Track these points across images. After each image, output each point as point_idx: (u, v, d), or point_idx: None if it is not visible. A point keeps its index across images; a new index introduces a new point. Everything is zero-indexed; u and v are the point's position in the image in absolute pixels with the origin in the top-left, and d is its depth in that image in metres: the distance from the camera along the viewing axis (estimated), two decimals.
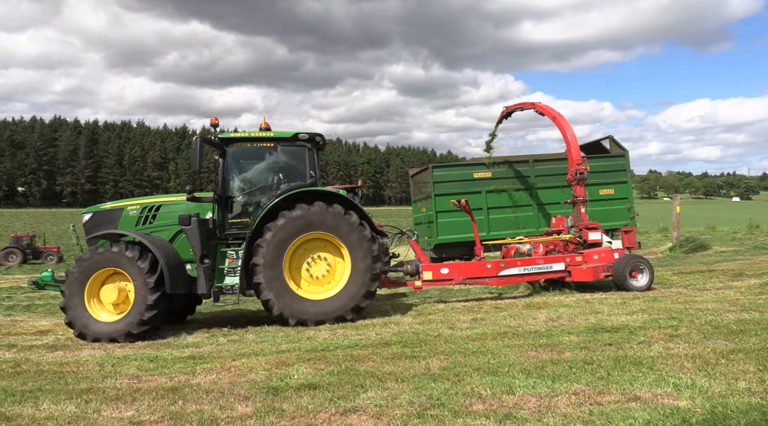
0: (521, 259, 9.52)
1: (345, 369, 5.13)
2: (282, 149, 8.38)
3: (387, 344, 6.14)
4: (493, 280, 9.15)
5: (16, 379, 5.36)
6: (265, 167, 8.53)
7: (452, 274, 9.02)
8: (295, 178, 8.29)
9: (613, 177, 14.72)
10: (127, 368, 5.63)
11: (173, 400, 4.46)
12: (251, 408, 4.19)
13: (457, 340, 6.13)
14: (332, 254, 7.96)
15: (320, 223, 7.72)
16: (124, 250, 7.31)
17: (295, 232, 7.68)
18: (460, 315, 7.88)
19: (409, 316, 8.03)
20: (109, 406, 4.38)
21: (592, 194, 14.35)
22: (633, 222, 14.93)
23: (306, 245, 7.92)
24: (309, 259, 7.93)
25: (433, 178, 14.26)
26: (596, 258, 9.39)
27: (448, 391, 4.33)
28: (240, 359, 5.78)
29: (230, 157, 8.16)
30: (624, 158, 15.03)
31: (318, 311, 7.68)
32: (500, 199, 14.28)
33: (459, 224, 14.05)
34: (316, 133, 8.44)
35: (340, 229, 7.75)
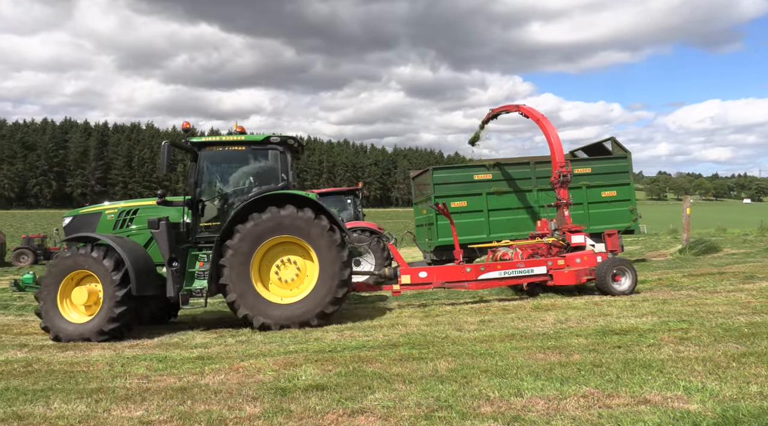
0: (501, 263, 9.45)
1: (352, 370, 5.13)
2: (254, 153, 8.34)
3: (394, 345, 6.14)
4: (472, 284, 9.08)
5: (28, 379, 5.41)
6: (237, 171, 8.53)
7: (431, 278, 8.97)
8: (268, 181, 8.26)
9: (615, 179, 14.61)
10: (136, 368, 5.67)
11: (182, 400, 4.49)
12: (259, 408, 4.21)
13: (464, 342, 6.11)
14: (303, 258, 7.88)
15: (289, 226, 7.64)
16: (90, 251, 7.44)
17: (263, 234, 7.61)
18: (468, 316, 7.86)
19: (417, 318, 8.02)
20: (119, 406, 4.42)
21: (595, 196, 14.37)
22: (636, 224, 14.79)
23: (276, 248, 7.86)
24: (278, 263, 7.87)
25: (433, 180, 14.25)
26: (579, 261, 9.31)
27: (455, 392, 4.32)
28: (248, 360, 5.81)
29: (202, 161, 8.18)
30: (626, 160, 14.92)
31: (283, 315, 7.58)
32: (501, 201, 14.24)
33: (460, 226, 13.84)
34: (289, 136, 8.41)
35: (310, 233, 7.64)
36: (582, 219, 14.09)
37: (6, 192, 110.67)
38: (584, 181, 14.35)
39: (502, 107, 13.68)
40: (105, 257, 7.37)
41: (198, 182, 8.15)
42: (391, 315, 8.48)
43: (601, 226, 14.05)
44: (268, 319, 7.55)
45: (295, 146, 8.58)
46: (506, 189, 14.31)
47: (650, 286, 10.05)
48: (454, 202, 13.95)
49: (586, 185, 14.30)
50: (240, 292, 7.55)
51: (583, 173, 14.50)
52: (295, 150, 8.71)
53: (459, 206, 13.98)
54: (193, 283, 7.78)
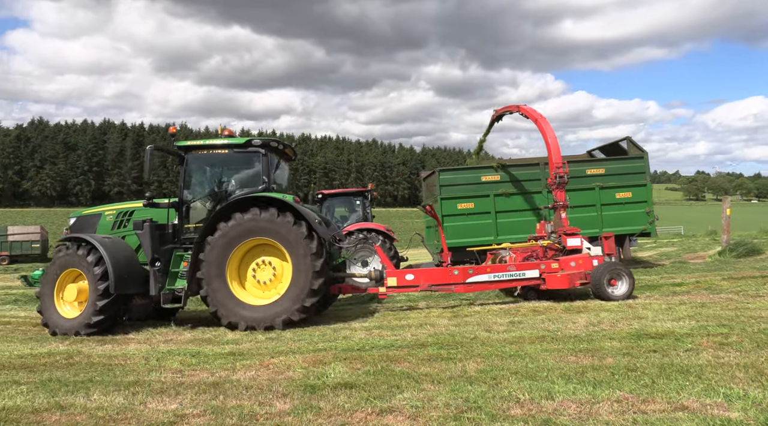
0: (491, 266, 9.28)
1: (381, 369, 5.15)
2: (236, 156, 8.42)
3: (423, 345, 6.12)
4: (460, 287, 8.93)
5: (69, 370, 5.63)
6: (220, 173, 8.73)
7: (417, 281, 8.86)
8: (250, 183, 8.34)
9: (630, 180, 14.15)
10: (170, 363, 5.82)
11: (214, 395, 4.59)
12: (289, 405, 4.26)
13: (493, 343, 6.05)
14: (281, 261, 7.87)
15: (268, 229, 7.67)
16: (76, 250, 7.88)
17: (242, 234, 7.69)
18: (497, 317, 7.77)
19: (445, 318, 7.98)
20: (154, 399, 4.54)
21: (608, 198, 13.96)
22: (653, 227, 14.27)
23: (257, 250, 7.93)
24: (255, 264, 7.93)
25: (440, 182, 14.13)
26: (573, 265, 9.04)
27: (485, 394, 4.28)
28: (278, 357, 5.89)
29: (187, 164, 8.40)
30: (643, 160, 14.40)
31: (250, 316, 7.60)
32: (509, 202, 13.99)
33: (466, 228, 13.87)
34: (272, 139, 8.51)
35: (288, 238, 7.64)
36: (594, 221, 13.80)
37: (48, 191, 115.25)
38: (597, 182, 13.97)
39: (505, 108, 13.61)
40: (89, 255, 7.78)
41: (184, 185, 8.38)
42: (419, 315, 8.46)
43: (614, 228, 13.75)
44: (235, 318, 7.61)
45: (280, 149, 8.63)
46: (514, 190, 14.06)
47: (688, 289, 9.73)
48: (461, 204, 13.84)
49: (600, 186, 13.93)
50: (213, 289, 7.65)
51: (596, 174, 14.11)
52: (281, 153, 8.79)
53: (466, 208, 13.85)
54: (176, 283, 7.99)
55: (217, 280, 7.65)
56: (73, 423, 4.05)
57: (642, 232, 14.08)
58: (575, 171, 13.67)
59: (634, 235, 14.05)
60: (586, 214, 13.77)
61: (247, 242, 7.78)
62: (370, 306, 9.82)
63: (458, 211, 13.82)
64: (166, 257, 8.07)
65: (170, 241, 8.21)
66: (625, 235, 13.96)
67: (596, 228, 13.53)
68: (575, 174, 13.62)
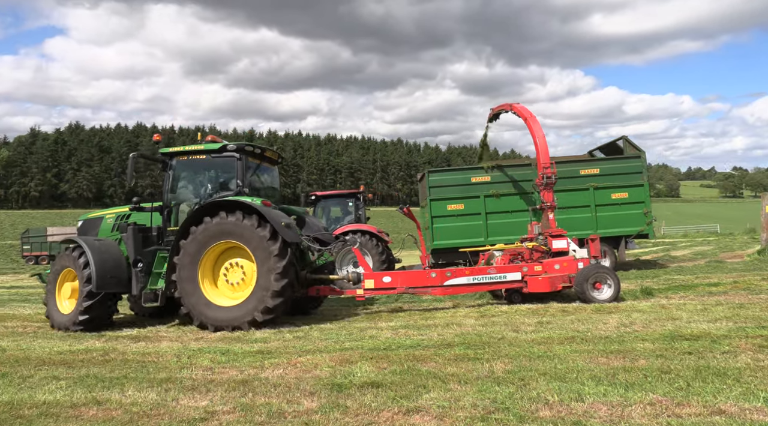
0: (470, 269, 9.18)
1: (407, 369, 5.14)
2: (214, 161, 8.65)
3: (449, 345, 6.09)
4: (438, 289, 8.85)
5: (105, 367, 5.81)
6: (200, 178, 9.00)
7: (395, 283, 8.84)
8: (226, 187, 8.59)
9: (627, 180, 13.82)
10: (201, 360, 5.94)
11: (244, 393, 4.67)
12: (316, 403, 4.30)
13: (521, 344, 5.98)
14: (251, 263, 7.94)
15: (234, 232, 7.81)
16: (70, 252, 8.39)
17: (211, 238, 7.88)
18: (525, 318, 7.67)
19: (471, 318, 7.92)
20: (186, 396, 4.65)
21: (604, 198, 13.68)
22: (650, 228, 13.84)
23: (229, 252, 8.10)
24: (227, 266, 8.10)
25: (429, 183, 14.09)
26: (558, 268, 8.89)
27: (512, 395, 4.23)
28: (305, 355, 5.95)
29: (170, 169, 8.71)
30: (640, 159, 14.05)
31: (219, 317, 7.75)
32: (500, 203, 13.82)
33: (456, 229, 13.78)
34: (247, 144, 8.66)
35: (251, 240, 7.74)
36: (589, 222, 13.56)
37: (85, 192, 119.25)
38: (592, 183, 13.70)
39: (499, 106, 13.48)
40: (80, 257, 8.19)
41: (167, 189, 8.71)
42: (446, 315, 8.42)
43: (610, 229, 13.53)
44: (205, 319, 7.78)
45: (257, 153, 8.80)
46: (505, 191, 13.90)
47: (724, 290, 9.42)
48: (451, 205, 13.76)
49: (594, 187, 13.65)
50: (185, 291, 7.86)
51: (591, 174, 13.85)
52: (260, 156, 8.96)
53: (456, 209, 13.76)
54: (158, 283, 8.28)
55: (189, 282, 7.87)
56: (110, 418, 4.18)
57: (639, 233, 13.73)
58: (569, 171, 13.61)
59: (631, 236, 13.74)
60: (581, 215, 13.60)
61: (216, 245, 7.95)
62: (396, 305, 9.82)
63: (448, 212, 13.77)
64: (149, 258, 8.40)
65: (155, 243, 8.53)
66: (622, 236, 13.69)
67: (591, 229, 13.39)
68: (569, 174, 13.55)
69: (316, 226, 9.44)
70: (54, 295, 8.52)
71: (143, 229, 8.60)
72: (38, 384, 5.17)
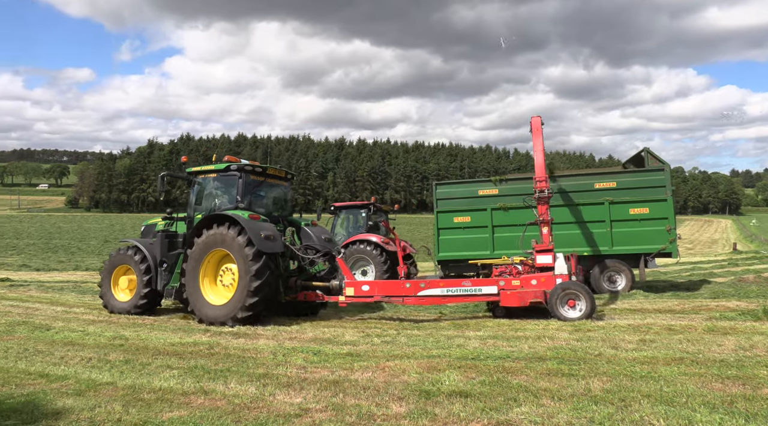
0: (444, 281, 9.35)
1: (496, 380, 5.03)
2: (222, 178, 9.92)
3: (541, 359, 5.87)
4: (412, 299, 9.10)
5: (210, 359, 6.29)
6: (213, 193, 10.19)
7: (372, 292, 9.21)
8: (231, 202, 9.72)
9: (648, 194, 12.52)
10: (295, 359, 6.24)
11: (335, 393, 4.83)
12: (405, 408, 4.34)
13: (621, 362, 5.60)
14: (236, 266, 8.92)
15: (222, 242, 8.96)
16: (128, 252, 10.20)
17: (208, 246, 9.09)
18: (625, 334, 7.17)
19: (565, 331, 7.56)
20: (282, 392, 4.91)
21: (620, 214, 12.59)
22: (673, 246, 12.35)
23: (226, 258, 9.20)
24: (222, 270, 9.28)
25: (436, 195, 14.16)
26: (534, 283, 8.82)
27: (612, 416, 3.98)
28: (393, 360, 6.03)
29: (193, 186, 10.15)
30: (663, 173, 12.62)
31: (211, 314, 8.87)
32: (507, 217, 13.20)
33: (460, 242, 13.63)
34: (249, 163, 9.76)
35: (233, 247, 8.83)
36: (604, 238, 12.62)
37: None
38: (607, 197, 12.74)
39: None
40: (136, 255, 10.06)
41: (191, 202, 10.15)
42: (537, 326, 8.12)
43: (628, 246, 12.43)
44: (203, 316, 8.99)
45: (258, 171, 9.90)
46: (513, 204, 13.36)
47: None
48: (457, 218, 13.72)
49: (609, 201, 12.66)
50: (190, 292, 9.17)
51: (606, 188, 12.88)
52: (264, 174, 10.06)
53: (462, 221, 13.67)
54: (179, 281, 9.55)
55: (193, 284, 9.16)
56: (215, 407, 4.52)
57: (661, 251, 12.44)
58: (582, 185, 12.95)
59: (651, 254, 12.47)
60: (595, 230, 12.77)
61: (213, 252, 9.14)
62: (481, 314, 9.63)
63: (454, 224, 13.73)
64: (174, 260, 9.87)
65: (180, 247, 9.90)
66: (641, 254, 12.51)
67: (606, 246, 12.58)
68: (583, 188, 12.91)
69: (316, 237, 10.23)
70: (109, 285, 10.35)
71: (172, 235, 10.12)
72: (155, 371, 5.72)
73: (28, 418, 4.27)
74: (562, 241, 12.54)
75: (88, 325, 8.74)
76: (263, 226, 9.03)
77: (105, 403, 4.61)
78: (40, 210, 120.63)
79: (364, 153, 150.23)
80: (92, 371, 5.76)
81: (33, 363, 6.18)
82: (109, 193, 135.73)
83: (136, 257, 10.01)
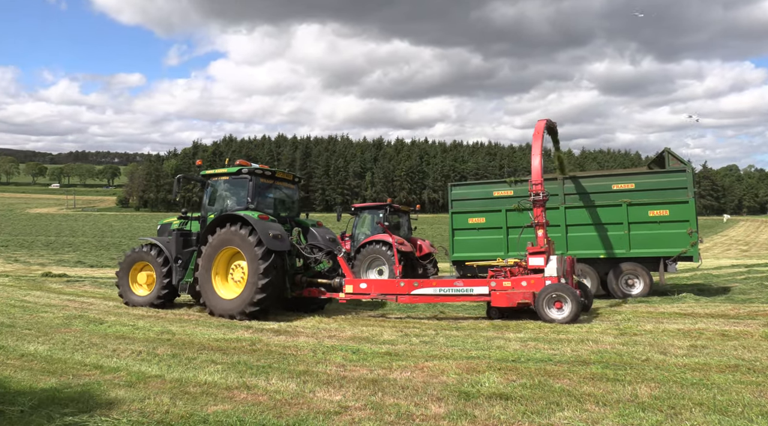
0: (437, 280, 9.72)
1: (538, 383, 4.93)
2: (234, 181, 10.47)
3: (585, 363, 5.71)
4: (405, 298, 9.46)
5: (253, 355, 6.45)
6: (225, 194, 10.72)
7: (369, 290, 9.70)
8: (241, 203, 10.24)
9: (668, 196, 12.03)
10: (334, 357, 6.31)
11: (374, 391, 4.85)
12: (444, 409, 4.31)
13: (671, 368, 5.38)
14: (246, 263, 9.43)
15: (233, 240, 9.51)
16: (148, 250, 10.78)
17: (220, 244, 9.66)
18: (674, 339, 6.89)
19: (610, 335, 7.33)
20: (321, 389, 4.97)
21: (639, 216, 12.14)
22: (694, 249, 11.70)
23: (236, 255, 9.76)
24: (233, 266, 9.87)
25: (451, 196, 14.25)
26: (525, 284, 8.98)
27: (661, 424, 3.83)
28: (432, 360, 6.00)
29: (207, 187, 10.77)
30: (684, 174, 12.04)
31: (221, 307, 9.48)
32: (522, 218, 12.82)
33: (474, 243, 13.56)
34: (258, 167, 10.33)
35: (243, 246, 9.38)
36: (621, 241, 12.21)
37: None
38: (625, 198, 12.32)
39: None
40: (152, 251, 10.73)
41: (204, 203, 10.71)
42: (580, 329, 7.90)
43: (646, 249, 11.96)
44: (214, 309, 9.61)
45: (268, 174, 10.48)
46: (528, 206, 12.78)
47: None
48: (472, 219, 13.76)
49: (627, 203, 12.24)
50: (203, 286, 9.76)
51: (624, 189, 12.45)
52: (273, 177, 10.64)
53: (477, 222, 13.70)
54: (192, 277, 10.23)
55: (205, 278, 9.76)
56: (257, 402, 4.63)
57: (681, 255, 11.86)
58: (599, 186, 12.68)
59: (671, 258, 11.88)
60: (612, 232, 12.39)
61: (224, 250, 9.71)
62: (522, 316, 9.45)
63: (469, 225, 13.78)
64: (188, 257, 10.42)
65: (194, 245, 10.51)
66: (660, 257, 11.96)
67: (623, 248, 12.20)
68: (599, 189, 12.64)
69: (321, 237, 10.76)
70: (127, 281, 11.00)
71: (187, 233, 10.70)
72: (200, 366, 5.91)
73: (84, 407, 4.49)
74: (577, 243, 12.54)
75: (138, 320, 9.11)
76: (272, 225, 9.53)
77: (154, 395, 4.79)
78: (93, 209, 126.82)
79: (402, 153, 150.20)
80: (142, 364, 6.01)
81: (88, 355, 6.50)
82: (157, 193, 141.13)
83: (154, 253, 10.67)
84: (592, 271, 12.40)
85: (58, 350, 6.73)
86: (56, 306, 10.75)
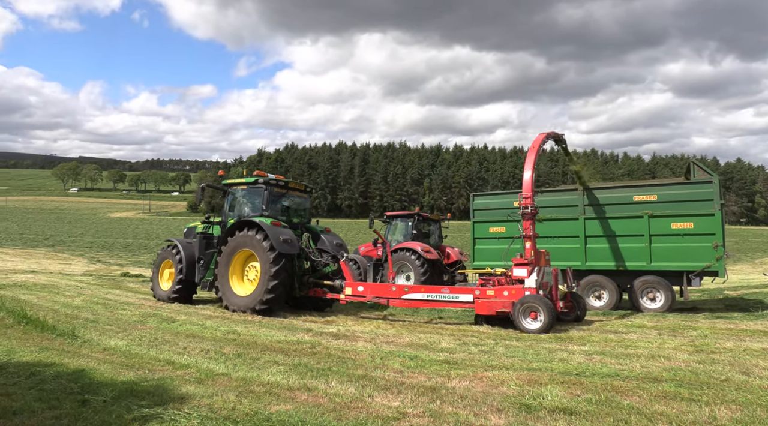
0: (425, 286, 10.37)
1: (604, 399, 4.72)
2: (251, 190, 11.67)
3: (656, 380, 5.40)
4: (397, 301, 10.12)
5: (313, 358, 6.60)
6: (242, 201, 11.86)
7: (366, 293, 10.42)
8: (257, 210, 11.39)
9: (693, 208, 11.45)
10: (392, 362, 6.33)
11: (432, 399, 4.83)
12: (504, 421, 4.22)
13: (754, 390, 4.98)
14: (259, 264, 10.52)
15: (249, 243, 10.63)
16: (171, 249, 12.22)
17: (237, 246, 10.83)
18: (759, 359, 6.37)
19: (684, 352, 6.89)
20: (380, 394, 5.01)
21: (661, 228, 11.56)
22: (720, 264, 10.84)
23: (251, 257, 10.87)
24: (248, 267, 11.06)
25: (473, 206, 14.53)
26: (506, 294, 9.28)
27: None
28: (491, 370, 5.89)
29: (227, 195, 11.98)
30: (711, 185, 11.29)
31: (235, 303, 10.60)
32: (541, 228, 12.33)
33: (494, 251, 13.54)
34: (272, 178, 11.55)
35: (253, 245, 10.54)
36: (641, 254, 11.66)
37: None
38: (646, 210, 11.75)
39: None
40: (173, 250, 12.13)
41: (225, 209, 11.96)
42: (650, 344, 7.48)
43: (668, 263, 11.36)
44: (229, 304, 10.71)
45: (281, 185, 11.65)
46: (547, 216, 12.95)
47: None
48: (493, 228, 13.98)
49: (649, 215, 11.69)
50: (221, 283, 10.96)
51: (646, 201, 11.90)
52: (286, 187, 11.78)
53: (497, 232, 13.86)
54: (212, 275, 11.36)
55: (223, 277, 10.95)
56: (318, 404, 4.73)
57: (705, 269, 11.07)
58: (619, 197, 12.37)
59: (695, 272, 11.15)
60: (632, 245, 11.92)
61: (240, 252, 10.85)
62: (586, 327, 9.08)
63: (489, 234, 14.03)
64: (209, 258, 11.63)
65: (214, 247, 11.62)
66: (683, 271, 11.27)
67: (643, 261, 11.81)
68: (620, 201, 12.33)
69: (329, 242, 11.73)
70: (157, 277, 12.52)
71: (209, 236, 11.91)
72: (263, 366, 6.12)
73: (159, 400, 4.78)
74: (596, 255, 12.33)
75: (206, 320, 9.57)
76: (283, 231, 10.52)
77: (221, 392, 5.02)
78: (166, 214, 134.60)
79: (461, 159, 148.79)
80: (210, 362, 6.31)
81: (162, 351, 6.91)
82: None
83: (174, 252, 12.09)
84: (611, 283, 12.06)
85: (135, 346, 7.20)
86: (133, 304, 11.51)
